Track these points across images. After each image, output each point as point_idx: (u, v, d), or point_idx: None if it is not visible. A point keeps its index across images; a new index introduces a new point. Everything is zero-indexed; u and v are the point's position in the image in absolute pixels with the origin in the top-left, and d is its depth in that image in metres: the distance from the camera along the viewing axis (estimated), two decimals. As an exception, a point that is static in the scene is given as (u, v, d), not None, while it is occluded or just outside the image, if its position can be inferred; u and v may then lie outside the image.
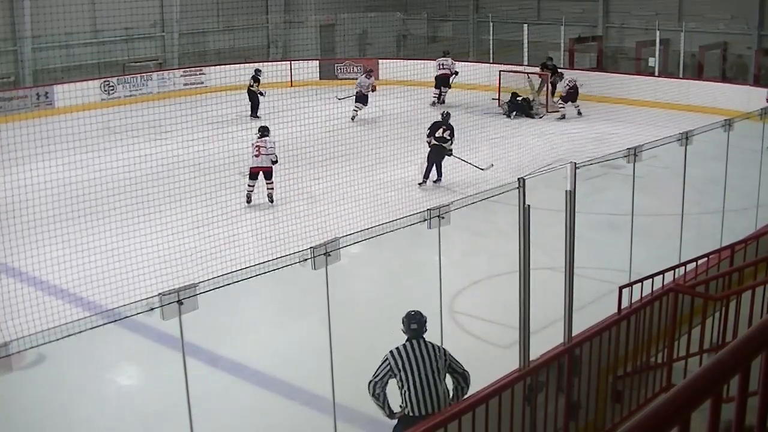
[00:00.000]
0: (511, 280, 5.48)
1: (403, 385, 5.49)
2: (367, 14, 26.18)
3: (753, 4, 22.04)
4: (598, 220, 11.57)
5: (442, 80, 21.56)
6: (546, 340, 5.64)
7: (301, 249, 5.21)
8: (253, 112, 19.76)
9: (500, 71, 21.82)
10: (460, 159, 14.46)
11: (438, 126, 14.41)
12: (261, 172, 13.13)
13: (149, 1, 21.78)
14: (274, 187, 13.20)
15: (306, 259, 5.08)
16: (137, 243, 10.51)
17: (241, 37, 24.76)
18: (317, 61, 25.20)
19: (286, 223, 10.97)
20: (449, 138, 14.26)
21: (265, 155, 13.10)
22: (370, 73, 20.13)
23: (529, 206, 5.09)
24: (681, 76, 21.61)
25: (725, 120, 8.57)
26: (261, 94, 19.79)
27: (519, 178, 5.14)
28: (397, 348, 5.57)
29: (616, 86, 21.28)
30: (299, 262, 5.09)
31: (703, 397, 1.62)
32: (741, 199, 9.85)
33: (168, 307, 4.49)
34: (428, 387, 5.45)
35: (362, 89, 19.47)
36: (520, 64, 22.60)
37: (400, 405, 5.55)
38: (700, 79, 21.29)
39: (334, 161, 14.19)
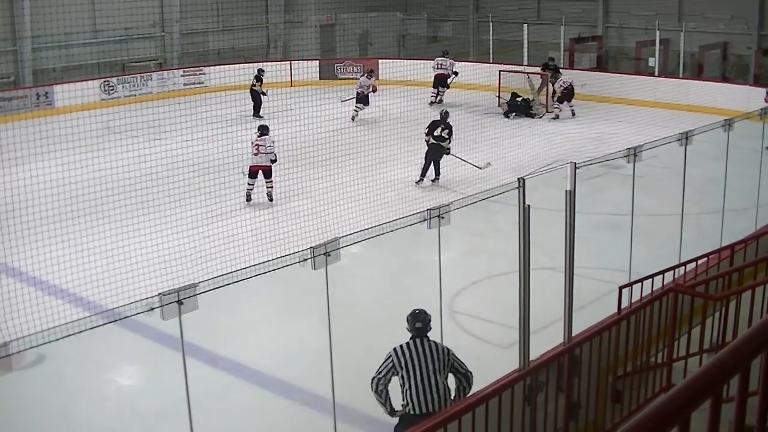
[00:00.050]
0: (511, 280, 5.47)
1: (404, 383, 5.52)
2: (367, 14, 26.16)
3: (753, 4, 22.04)
4: (598, 220, 11.57)
5: (439, 80, 21.54)
6: (546, 340, 5.64)
7: (301, 249, 5.21)
8: (256, 111, 19.74)
9: (500, 71, 21.82)
10: (458, 158, 14.47)
11: (436, 125, 14.42)
12: (260, 171, 13.18)
13: (149, 1, 21.78)
14: (273, 186, 13.26)
15: (306, 259, 5.08)
16: (137, 243, 10.52)
17: (241, 37, 24.74)
18: (317, 61, 25.21)
19: (286, 223, 10.97)
20: (447, 137, 14.27)
21: (264, 154, 13.13)
22: (371, 73, 20.10)
23: (529, 206, 5.09)
24: (681, 76, 21.60)
25: (725, 120, 8.57)
26: (263, 94, 19.79)
27: (519, 178, 5.13)
28: (401, 346, 5.60)
29: (616, 86, 21.28)
30: (299, 262, 5.09)
31: (703, 397, 1.62)
32: (741, 199, 9.85)
33: (168, 307, 4.49)
34: (429, 386, 5.46)
35: (363, 90, 19.47)
36: (520, 64, 22.60)
37: (402, 404, 5.56)
38: (700, 79, 21.29)
39: (334, 161, 14.20)
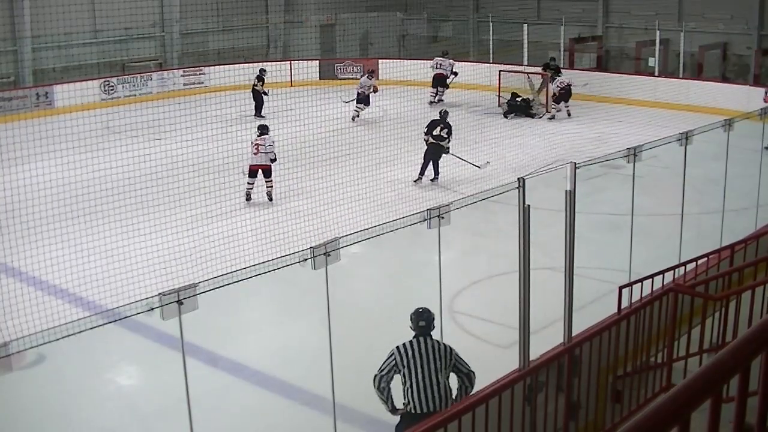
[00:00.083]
0: (511, 280, 5.47)
1: (406, 381, 5.55)
2: (367, 14, 26.15)
3: (753, 4, 22.03)
4: (598, 220, 11.57)
5: (438, 80, 21.53)
6: (546, 340, 5.64)
7: (301, 249, 5.21)
8: (258, 111, 19.74)
9: (500, 71, 21.82)
10: (457, 157, 14.48)
11: (436, 124, 14.45)
12: (260, 170, 13.21)
13: (149, 1, 21.80)
14: (273, 186, 13.29)
15: (306, 259, 5.08)
16: (137, 243, 10.52)
17: (241, 37, 24.73)
18: (317, 61, 25.21)
19: (286, 223, 10.96)
20: (446, 136, 14.30)
21: (263, 153, 13.16)
22: (372, 73, 20.06)
23: (529, 206, 5.09)
24: (681, 76, 21.60)
25: (725, 120, 8.57)
26: (265, 94, 19.80)
27: (519, 178, 5.13)
28: (404, 344, 5.62)
29: (616, 86, 21.28)
30: (299, 262, 5.09)
31: (703, 397, 1.62)
32: (741, 199, 9.85)
33: (168, 307, 4.49)
34: (430, 385, 5.47)
35: (364, 90, 19.47)
36: (520, 64, 22.60)
37: (404, 402, 5.58)
38: (700, 79, 21.28)
39: (334, 161, 14.20)
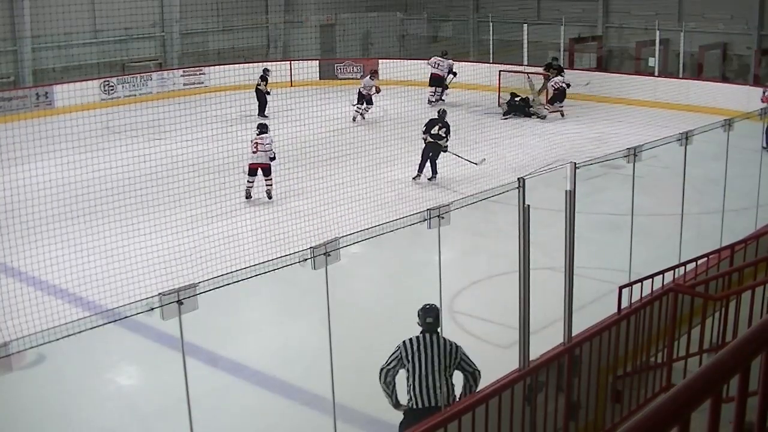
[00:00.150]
0: (511, 280, 5.47)
1: (409, 377, 5.59)
2: (367, 14, 26.15)
3: (753, 4, 22.03)
4: (598, 220, 11.57)
5: (435, 80, 21.50)
6: (546, 340, 5.64)
7: (301, 249, 5.21)
8: (261, 111, 19.74)
9: (500, 71, 21.82)
10: (453, 154, 14.53)
11: (434, 123, 14.49)
12: (260, 169, 13.23)
13: (149, 1, 21.78)
14: (272, 184, 13.34)
15: (306, 259, 5.07)
16: (137, 243, 10.51)
17: (241, 37, 24.73)
18: (317, 61, 25.20)
19: (286, 223, 10.96)
20: (444, 135, 14.35)
21: (262, 152, 13.20)
22: (374, 74, 20.01)
23: (529, 206, 5.09)
24: (681, 76, 21.60)
25: (725, 120, 8.56)
26: (268, 93, 19.81)
27: (519, 178, 5.13)
28: (410, 339, 5.68)
29: (616, 86, 21.28)
30: (299, 262, 5.08)
31: (703, 397, 1.62)
32: (741, 199, 9.84)
33: (168, 307, 4.48)
34: (433, 381, 5.51)
35: (366, 90, 19.46)
36: (520, 64, 22.60)
37: (407, 400, 5.60)
38: (700, 79, 21.28)
39: (334, 161, 14.19)
